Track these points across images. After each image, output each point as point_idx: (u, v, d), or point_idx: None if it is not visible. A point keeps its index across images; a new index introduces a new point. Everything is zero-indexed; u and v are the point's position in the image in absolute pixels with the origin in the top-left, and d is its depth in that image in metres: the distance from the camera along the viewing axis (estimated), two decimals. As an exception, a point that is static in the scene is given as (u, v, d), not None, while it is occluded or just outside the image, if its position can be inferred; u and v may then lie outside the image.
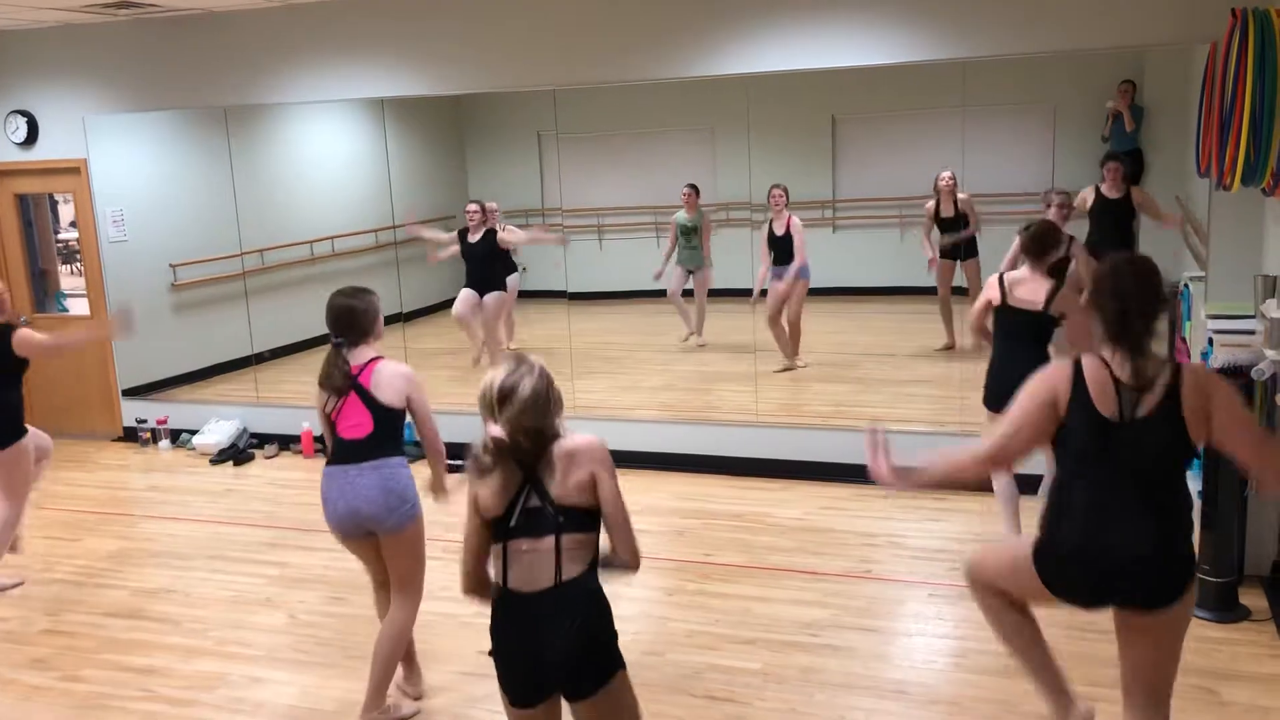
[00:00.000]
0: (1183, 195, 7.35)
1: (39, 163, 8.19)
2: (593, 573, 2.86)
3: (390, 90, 7.20)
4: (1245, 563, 4.80)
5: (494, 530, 2.97)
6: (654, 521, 6.02)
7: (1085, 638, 4.41)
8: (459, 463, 7.60)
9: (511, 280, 8.91)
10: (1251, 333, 4.82)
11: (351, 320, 3.96)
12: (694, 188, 8.84)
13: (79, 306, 8.57)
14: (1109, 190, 7.22)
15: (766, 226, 8.17)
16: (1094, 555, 2.86)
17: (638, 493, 6.49)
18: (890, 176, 8.15)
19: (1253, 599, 4.65)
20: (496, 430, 2.90)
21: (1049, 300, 4.76)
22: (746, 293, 8.18)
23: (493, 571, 2.99)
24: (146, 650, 4.77)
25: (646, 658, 4.45)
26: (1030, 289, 4.83)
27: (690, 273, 8.98)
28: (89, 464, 7.71)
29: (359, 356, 3.96)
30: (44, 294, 8.77)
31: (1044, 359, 4.40)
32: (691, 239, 8.88)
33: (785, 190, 8.09)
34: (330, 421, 3.97)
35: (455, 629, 4.80)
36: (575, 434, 2.92)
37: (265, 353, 8.61)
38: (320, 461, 4.05)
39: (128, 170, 8.27)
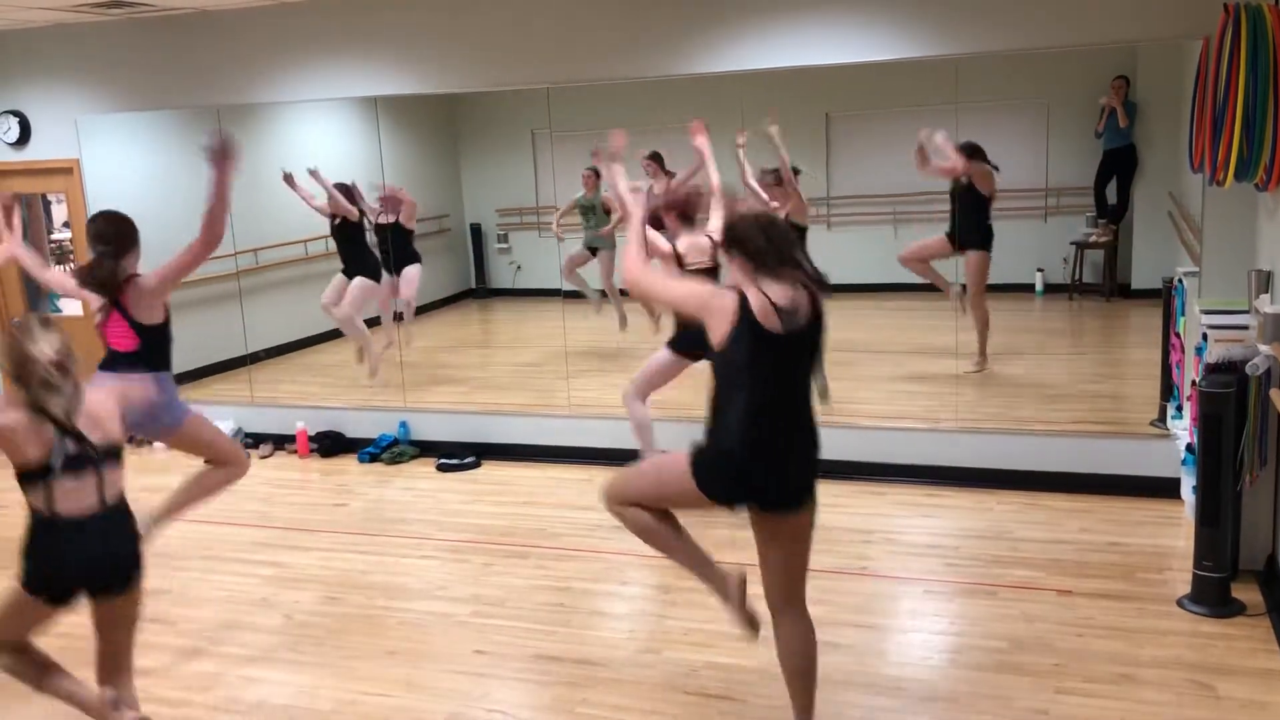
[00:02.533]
0: (1176, 191, 7.37)
1: (31, 163, 8.17)
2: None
3: (383, 89, 7.19)
4: (1240, 558, 4.81)
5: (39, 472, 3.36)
6: (650, 519, 6.01)
7: (1081, 635, 4.42)
8: (456, 461, 7.59)
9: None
10: (1246, 327, 4.83)
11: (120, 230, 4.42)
12: (595, 171, 8.69)
13: (72, 307, 8.54)
14: (960, 175, 7.47)
15: (647, 188, 8.13)
16: (755, 459, 3.31)
17: (633, 491, 6.49)
18: (884, 174, 8.14)
19: (1247, 594, 4.66)
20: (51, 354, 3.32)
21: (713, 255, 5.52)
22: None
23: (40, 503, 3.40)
24: (141, 651, 4.73)
25: (642, 655, 4.45)
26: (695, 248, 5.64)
27: (593, 251, 8.81)
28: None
29: (123, 271, 4.38)
30: (37, 295, 8.74)
31: None
32: (589, 218, 8.72)
33: (656, 156, 8.12)
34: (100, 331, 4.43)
35: (449, 628, 4.80)
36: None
37: (259, 352, 8.60)
38: (317, 460, 4.07)
39: (120, 170, 8.25)
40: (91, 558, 3.46)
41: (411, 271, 8.66)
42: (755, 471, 3.32)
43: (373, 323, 8.87)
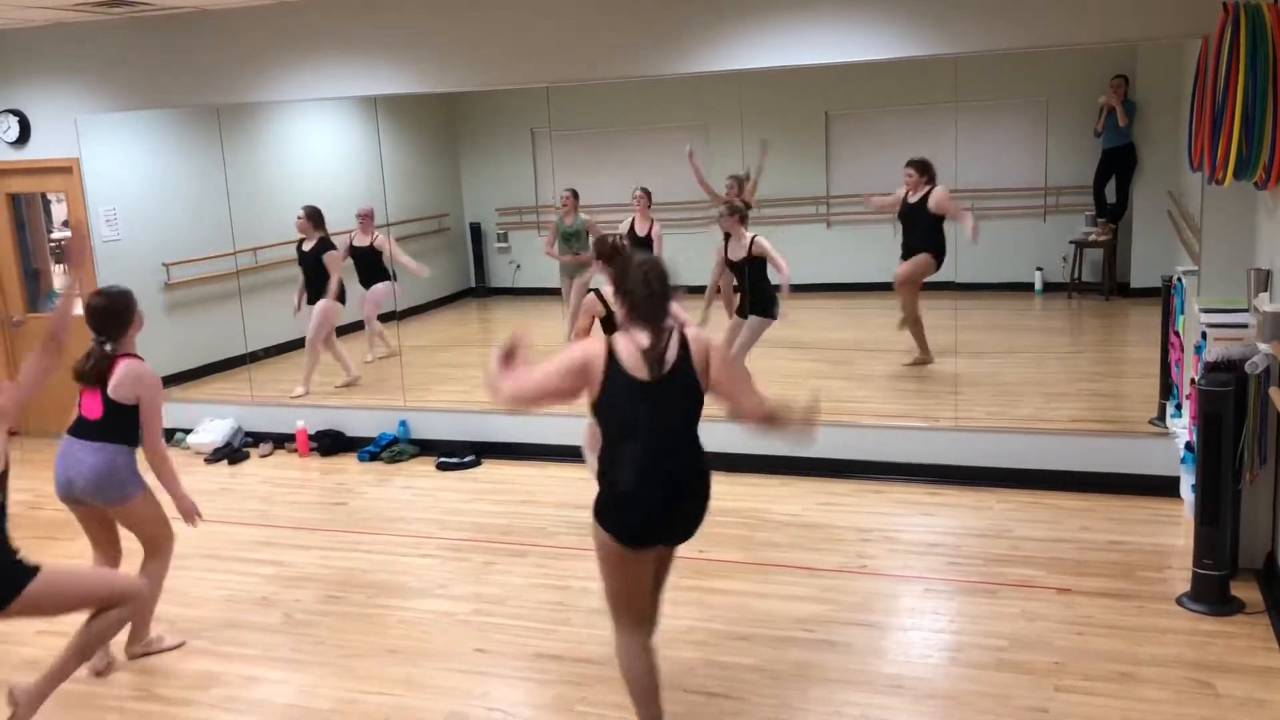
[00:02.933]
0: (1175, 190, 7.38)
1: (31, 162, 8.16)
2: None
3: (383, 88, 7.19)
4: (1239, 556, 4.81)
5: None
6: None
7: (1081, 634, 4.43)
8: (455, 460, 7.59)
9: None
10: (1245, 326, 4.84)
11: (110, 319, 4.47)
12: (572, 192, 8.61)
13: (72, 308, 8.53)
14: (910, 194, 7.59)
15: (629, 223, 8.21)
16: (646, 499, 3.40)
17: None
18: (884, 172, 8.14)
19: (1247, 592, 4.66)
20: None
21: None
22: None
23: None
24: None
25: (643, 654, 4.45)
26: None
27: (572, 279, 8.64)
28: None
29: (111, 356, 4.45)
30: (36, 294, 8.74)
31: None
32: (573, 244, 8.63)
33: (647, 192, 8.12)
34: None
35: (450, 626, 4.80)
36: None
37: (259, 351, 8.60)
38: (317, 459, 4.09)
39: (120, 169, 8.25)
40: None
41: (383, 288, 8.82)
42: (653, 511, 3.43)
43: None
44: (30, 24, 7.72)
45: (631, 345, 3.39)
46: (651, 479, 3.40)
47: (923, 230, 7.66)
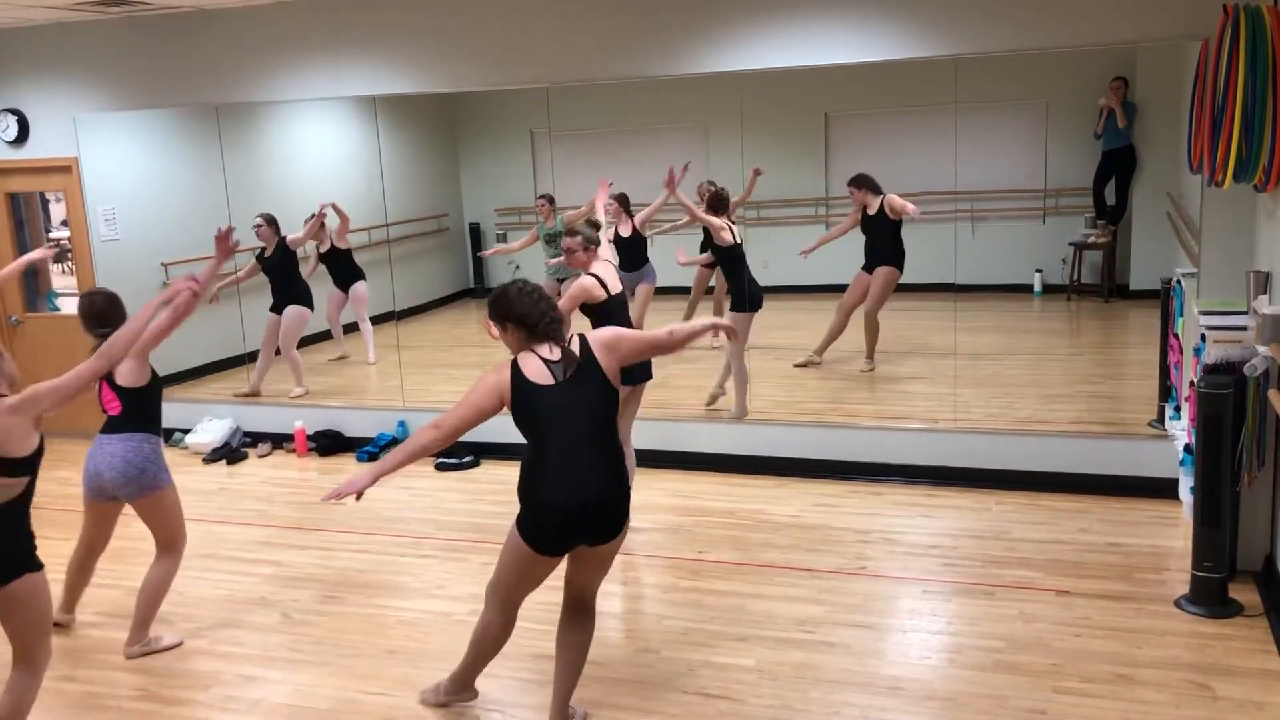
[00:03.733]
0: (1175, 192, 7.38)
1: (30, 161, 8.16)
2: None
3: (382, 88, 7.19)
4: (1238, 558, 4.81)
5: None
6: (647, 519, 6.02)
7: (1079, 636, 4.43)
8: (454, 460, 7.58)
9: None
10: (1244, 328, 4.83)
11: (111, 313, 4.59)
12: (547, 198, 8.62)
13: (71, 305, 8.54)
14: (867, 207, 7.82)
15: (613, 231, 8.02)
16: (567, 504, 3.56)
17: (631, 490, 6.49)
18: (883, 174, 8.13)
19: (1245, 594, 4.66)
20: None
21: None
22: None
23: None
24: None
25: (640, 655, 4.45)
26: None
27: (560, 281, 8.52)
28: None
29: None
30: (35, 293, 8.74)
31: None
32: (556, 245, 8.50)
33: (618, 198, 8.02)
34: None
35: (448, 626, 4.80)
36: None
37: (257, 351, 8.59)
38: (316, 460, 4.10)
39: (119, 169, 8.25)
40: None
41: (362, 288, 8.91)
42: (567, 518, 3.58)
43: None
44: (29, 23, 7.72)
45: (535, 360, 3.60)
46: (565, 486, 3.55)
47: (886, 239, 7.82)
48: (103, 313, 4.61)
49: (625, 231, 8.10)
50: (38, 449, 3.61)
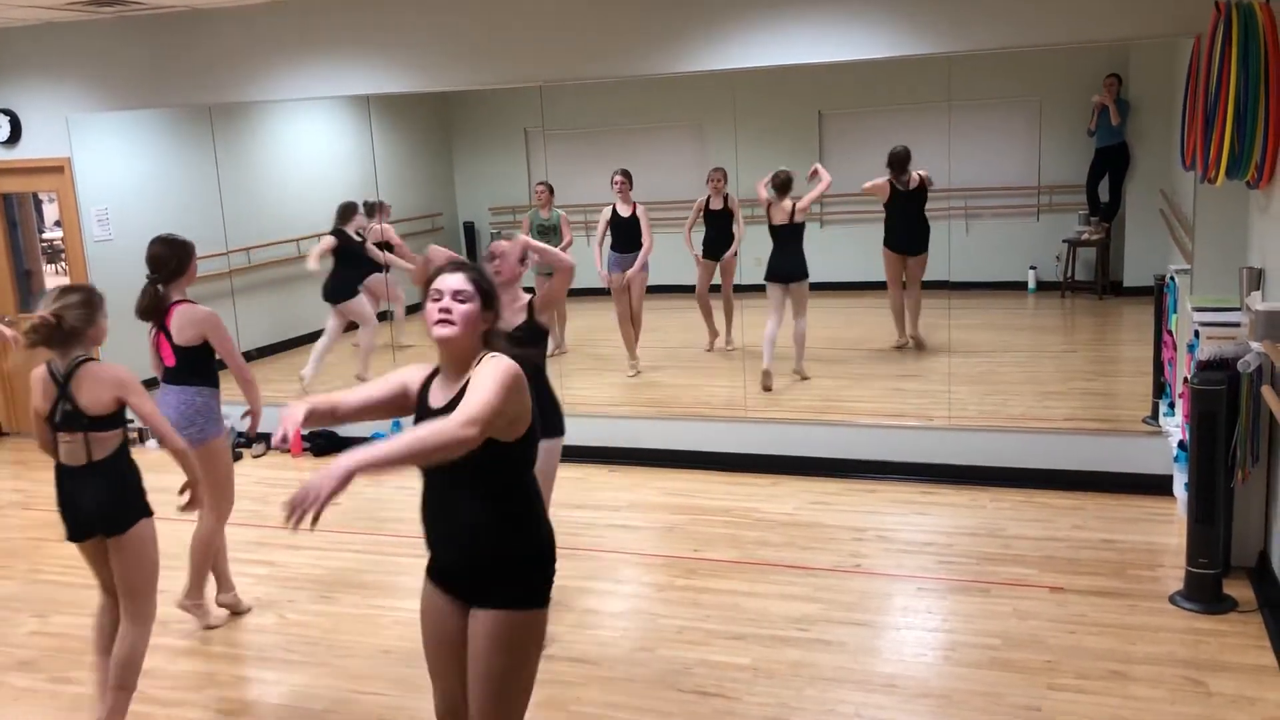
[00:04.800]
0: (1168, 188, 7.39)
1: (22, 162, 8.14)
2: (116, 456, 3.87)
3: (375, 87, 7.17)
4: (1232, 554, 4.82)
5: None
6: (642, 517, 6.02)
7: (1074, 632, 4.43)
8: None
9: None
10: (1237, 325, 4.85)
11: (166, 261, 4.88)
12: (546, 185, 8.59)
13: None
14: (904, 183, 7.87)
15: (610, 209, 8.27)
16: (431, 540, 2.90)
17: (626, 489, 6.50)
18: (877, 171, 8.14)
19: (1239, 590, 4.67)
20: (45, 312, 3.72)
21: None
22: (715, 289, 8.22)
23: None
24: (135, 651, 4.75)
25: (636, 653, 4.45)
26: None
27: (548, 275, 8.57)
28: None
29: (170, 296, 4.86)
30: (28, 294, 8.72)
31: None
32: (549, 238, 8.48)
33: (628, 175, 8.17)
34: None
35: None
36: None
37: (252, 351, 8.58)
38: (311, 459, 4.11)
39: (112, 169, 8.23)
40: (71, 503, 3.87)
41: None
42: (438, 556, 2.93)
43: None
44: (21, 23, 7.70)
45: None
46: (432, 523, 2.90)
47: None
48: (155, 260, 4.95)
49: (625, 211, 8.15)
50: (122, 409, 3.86)
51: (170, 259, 4.89)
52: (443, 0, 6.86)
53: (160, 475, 4.31)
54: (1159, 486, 5.80)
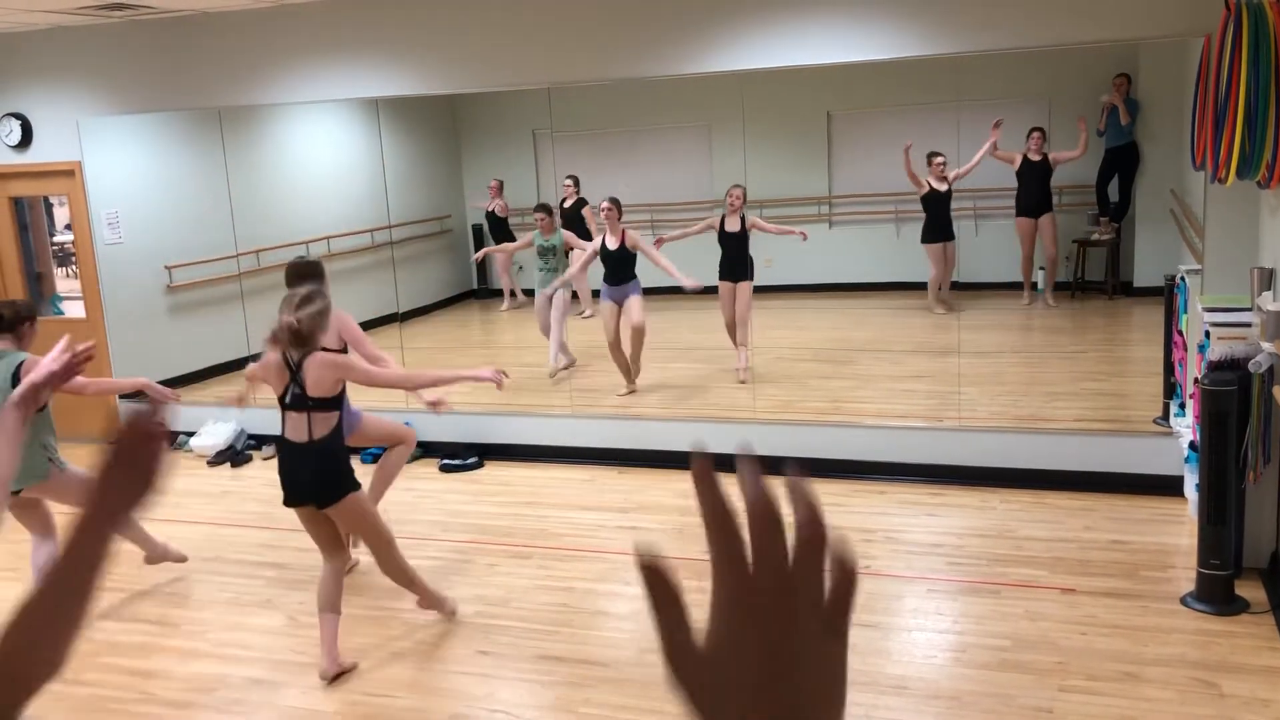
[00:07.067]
0: (1178, 188, 7.36)
1: (33, 165, 8.17)
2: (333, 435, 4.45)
3: (384, 90, 7.19)
4: (1244, 555, 4.80)
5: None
6: (652, 519, 6.02)
7: (1085, 634, 4.42)
8: (458, 461, 7.58)
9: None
10: (1248, 325, 4.82)
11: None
12: (546, 210, 8.33)
13: (75, 309, 8.55)
14: (1033, 154, 7.97)
15: (600, 240, 7.77)
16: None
17: (635, 491, 6.50)
18: (886, 172, 8.15)
19: (1251, 591, 4.65)
20: (290, 318, 4.33)
21: None
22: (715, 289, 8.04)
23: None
24: (145, 653, 4.77)
25: (645, 656, 4.45)
26: None
27: (550, 295, 8.31)
28: (85, 467, 7.68)
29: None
30: (40, 297, 8.75)
31: None
32: (549, 259, 8.36)
33: (616, 203, 7.66)
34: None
35: (453, 628, 4.80)
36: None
37: (262, 354, 8.60)
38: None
39: (122, 172, 8.26)
40: (292, 475, 4.48)
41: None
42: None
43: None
44: (32, 27, 7.73)
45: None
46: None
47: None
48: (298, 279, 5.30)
49: (613, 244, 7.69)
50: (342, 391, 4.45)
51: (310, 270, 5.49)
52: (451, 3, 6.88)
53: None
54: (1170, 487, 5.78)
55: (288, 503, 4.50)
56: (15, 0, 6.55)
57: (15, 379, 4.77)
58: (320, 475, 4.42)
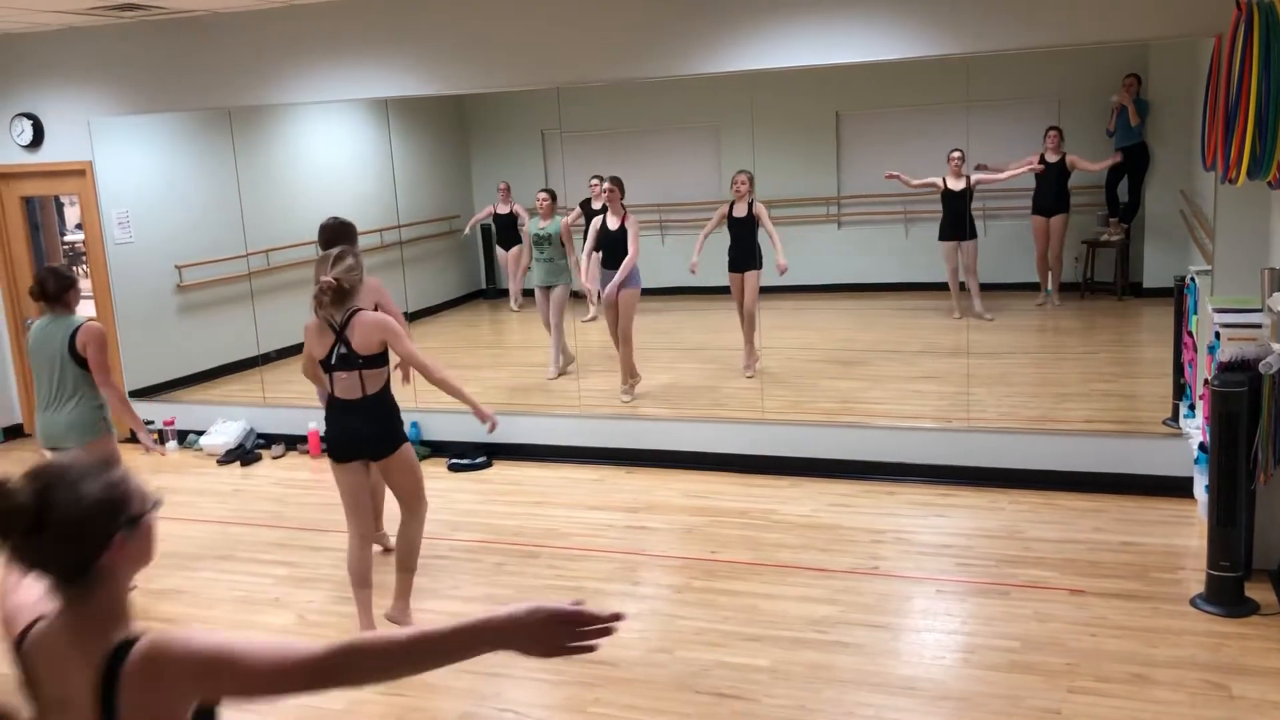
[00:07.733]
0: (1188, 189, 7.35)
1: (45, 165, 8.20)
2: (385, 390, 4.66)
3: (394, 90, 7.20)
4: (1254, 557, 4.79)
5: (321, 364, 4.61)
6: (661, 519, 6.02)
7: (1094, 635, 4.41)
8: (467, 461, 7.59)
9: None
10: (1258, 326, 4.81)
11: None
12: (549, 193, 8.26)
13: (86, 308, 8.57)
14: (1050, 153, 8.04)
15: (601, 220, 7.71)
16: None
17: (644, 491, 6.50)
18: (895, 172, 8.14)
19: (1261, 593, 4.64)
20: (328, 277, 4.40)
21: None
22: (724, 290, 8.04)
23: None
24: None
25: (654, 655, 4.46)
26: None
27: (548, 289, 8.28)
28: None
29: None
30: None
31: None
32: (544, 249, 8.26)
33: (618, 182, 7.62)
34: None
35: (463, 628, 4.80)
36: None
37: (271, 353, 8.62)
38: (327, 461, 4.18)
39: (133, 172, 8.29)
40: (349, 431, 4.60)
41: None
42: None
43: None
44: (43, 28, 7.76)
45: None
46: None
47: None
48: (330, 239, 5.35)
49: (614, 224, 7.67)
50: (386, 350, 4.58)
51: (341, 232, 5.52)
52: (460, 3, 6.89)
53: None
54: (1179, 488, 5.77)
55: (341, 458, 4.63)
56: (27, 1, 6.58)
57: (72, 342, 5.06)
58: (379, 428, 4.62)
